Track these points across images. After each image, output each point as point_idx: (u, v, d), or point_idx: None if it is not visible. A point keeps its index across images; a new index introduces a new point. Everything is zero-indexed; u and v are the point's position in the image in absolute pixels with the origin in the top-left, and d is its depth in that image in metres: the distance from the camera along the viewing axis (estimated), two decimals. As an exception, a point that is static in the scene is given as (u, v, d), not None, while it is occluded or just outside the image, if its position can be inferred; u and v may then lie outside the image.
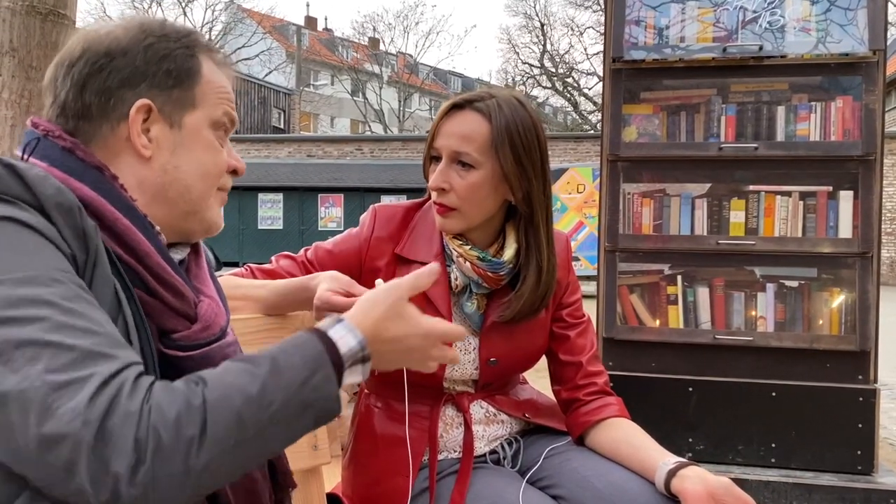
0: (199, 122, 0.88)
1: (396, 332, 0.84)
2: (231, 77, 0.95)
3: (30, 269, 0.68)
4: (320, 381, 0.74)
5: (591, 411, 1.34)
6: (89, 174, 0.81)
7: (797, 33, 2.61)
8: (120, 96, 0.84)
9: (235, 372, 0.71)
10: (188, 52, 0.88)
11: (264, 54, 31.90)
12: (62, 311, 0.66)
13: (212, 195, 0.91)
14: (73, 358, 0.64)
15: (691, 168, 2.72)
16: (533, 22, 28.98)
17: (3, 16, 1.75)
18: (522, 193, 1.29)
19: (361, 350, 0.80)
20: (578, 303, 1.44)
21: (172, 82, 0.86)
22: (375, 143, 19.66)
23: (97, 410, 0.62)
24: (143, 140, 0.85)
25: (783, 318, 2.66)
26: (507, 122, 1.26)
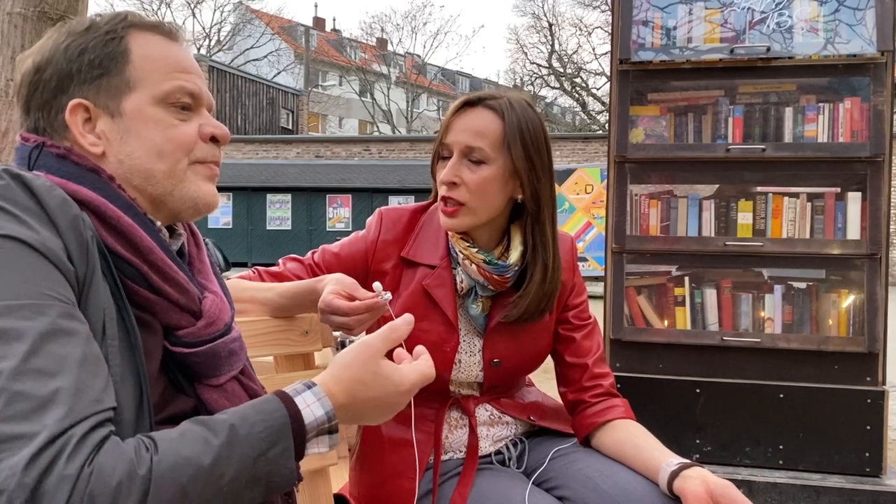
0: (141, 103, 0.85)
1: (372, 394, 0.81)
2: (185, 47, 0.90)
3: (15, 295, 0.67)
4: (277, 455, 0.72)
5: (596, 413, 1.34)
6: (87, 176, 0.81)
7: (805, 34, 2.61)
8: (57, 105, 0.84)
9: (191, 440, 0.68)
10: (109, 37, 0.85)
11: (273, 55, 31.99)
12: (31, 352, 0.65)
13: (182, 170, 0.87)
14: (28, 408, 0.63)
15: (699, 169, 2.72)
16: (541, 22, 28.96)
17: (14, 21, 1.77)
18: (531, 190, 1.31)
19: (328, 421, 0.77)
20: (584, 304, 1.44)
21: (98, 72, 0.84)
22: (383, 144, 19.69)
23: (34, 472, 0.61)
24: (90, 139, 0.84)
25: (791, 320, 2.65)
26: (518, 119, 1.29)
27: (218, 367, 0.86)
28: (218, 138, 0.89)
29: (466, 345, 1.37)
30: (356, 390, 0.80)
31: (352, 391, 0.80)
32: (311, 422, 0.76)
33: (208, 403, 0.85)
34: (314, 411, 0.76)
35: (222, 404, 0.85)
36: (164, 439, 0.68)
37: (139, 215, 0.82)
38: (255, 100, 26.59)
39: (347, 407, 0.80)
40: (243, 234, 16.93)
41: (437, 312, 1.34)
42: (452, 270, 1.36)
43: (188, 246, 0.93)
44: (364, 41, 35.17)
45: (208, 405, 0.85)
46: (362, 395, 0.81)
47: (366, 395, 0.81)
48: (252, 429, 0.71)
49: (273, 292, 1.23)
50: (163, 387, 0.82)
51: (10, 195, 0.71)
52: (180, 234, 0.93)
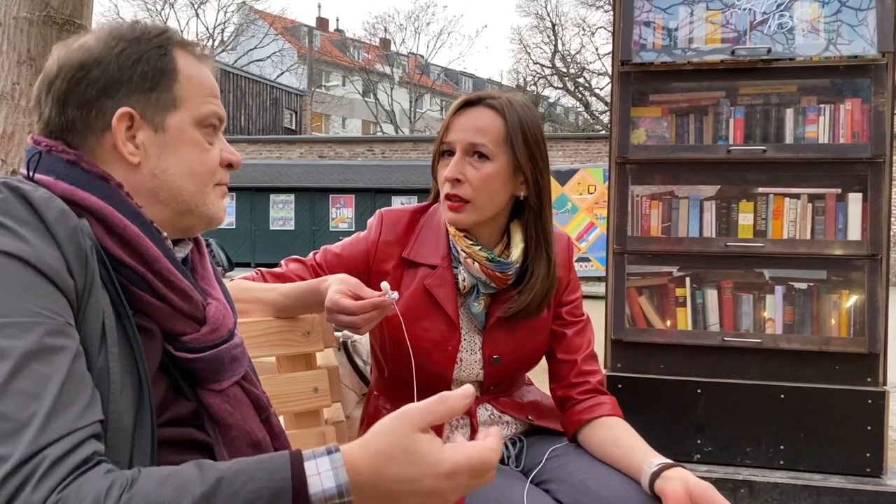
0: (183, 122, 0.88)
1: (403, 472, 0.69)
2: (213, 70, 0.93)
3: (3, 313, 0.67)
4: None
5: (583, 410, 1.35)
6: (96, 184, 0.82)
7: (806, 35, 2.61)
8: (100, 107, 0.85)
9: (172, 485, 0.64)
10: (161, 52, 0.87)
11: (276, 56, 32.03)
12: (13, 373, 0.65)
13: (207, 192, 0.90)
14: (7, 429, 0.62)
15: (700, 170, 2.73)
16: (544, 22, 28.97)
17: (20, 26, 1.79)
18: (534, 184, 1.34)
19: (339, 496, 0.67)
20: (578, 301, 1.46)
21: (149, 85, 0.86)
22: (386, 144, 19.72)
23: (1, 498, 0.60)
24: (129, 147, 0.85)
25: (792, 321, 2.66)
26: (519, 117, 1.33)
27: (221, 372, 0.88)
28: (233, 165, 0.94)
29: (467, 343, 1.39)
30: (383, 465, 0.69)
31: (378, 466, 0.69)
32: (317, 493, 0.66)
33: (210, 408, 0.87)
34: (323, 482, 0.67)
35: (224, 408, 0.87)
36: (147, 478, 0.65)
37: (145, 224, 0.84)
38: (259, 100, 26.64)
39: (373, 484, 0.69)
40: (247, 234, 16.97)
41: (439, 312, 1.35)
42: (454, 270, 1.37)
43: (192, 253, 0.95)
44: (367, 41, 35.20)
45: (210, 409, 0.87)
46: (391, 472, 0.69)
47: (395, 474, 0.69)
48: (243, 487, 0.65)
49: (276, 292, 1.25)
50: (164, 391, 0.84)
51: (7, 208, 0.72)
52: (186, 242, 0.95)
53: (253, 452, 0.88)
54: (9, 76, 1.80)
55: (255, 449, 0.89)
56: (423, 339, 1.33)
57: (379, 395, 1.45)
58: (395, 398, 1.40)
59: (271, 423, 0.94)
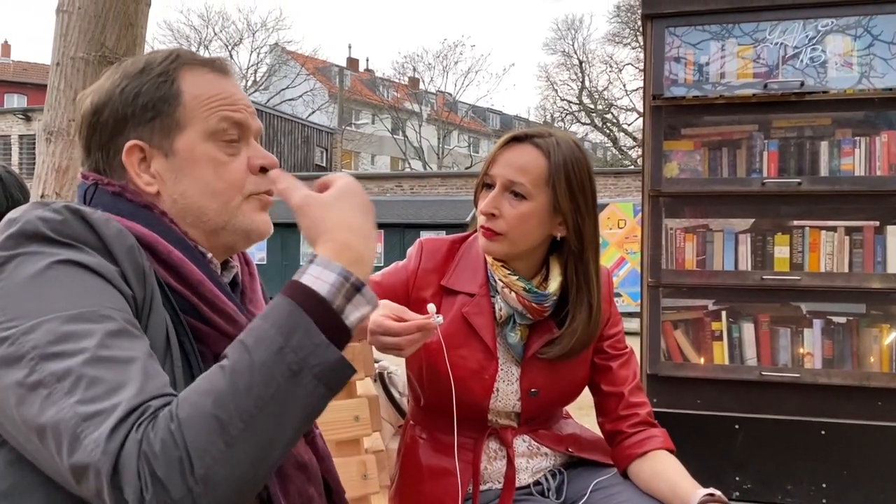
0: (192, 141, 0.88)
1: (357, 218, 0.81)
2: (231, 80, 0.93)
3: (80, 306, 0.72)
4: (301, 340, 0.70)
5: (634, 444, 1.35)
6: (140, 213, 0.86)
7: (839, 69, 2.61)
8: (115, 146, 0.88)
9: (206, 376, 0.70)
10: (161, 80, 0.88)
11: (308, 95, 32.64)
12: (102, 345, 0.69)
13: (235, 206, 0.90)
14: (104, 390, 0.67)
15: (734, 203, 2.72)
16: (571, 60, 29.19)
17: (77, 65, 1.88)
18: (575, 228, 1.34)
19: (346, 280, 0.74)
20: (620, 334, 1.46)
21: (151, 114, 0.87)
22: (415, 180, 19.87)
23: (115, 441, 0.65)
24: (145, 178, 0.88)
25: (831, 355, 2.61)
26: (564, 158, 1.33)
27: None
28: (266, 167, 0.92)
29: (504, 373, 1.39)
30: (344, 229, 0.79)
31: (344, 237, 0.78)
32: (328, 290, 0.73)
33: None
34: (325, 279, 0.74)
35: None
36: (186, 389, 0.70)
37: (189, 249, 0.86)
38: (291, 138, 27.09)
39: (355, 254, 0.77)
40: (277, 268, 17.10)
41: (476, 340, 1.36)
42: (491, 299, 1.39)
43: (242, 275, 0.97)
44: (396, 80, 35.72)
45: None
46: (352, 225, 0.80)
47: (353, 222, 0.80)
48: (260, 332, 0.71)
49: None
50: None
51: (67, 230, 0.76)
52: (233, 266, 0.97)
53: (300, 474, 0.89)
54: (65, 113, 1.88)
55: (301, 471, 0.90)
56: (461, 367, 1.34)
57: (415, 425, 1.46)
58: (432, 427, 1.41)
59: (317, 445, 0.95)
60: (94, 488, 0.65)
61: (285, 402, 0.69)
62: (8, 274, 0.73)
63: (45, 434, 0.67)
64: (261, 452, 0.68)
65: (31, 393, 0.68)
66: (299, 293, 0.73)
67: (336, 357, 0.72)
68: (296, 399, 0.69)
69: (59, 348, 0.69)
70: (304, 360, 0.70)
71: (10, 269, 0.73)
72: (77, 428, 0.66)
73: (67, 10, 1.94)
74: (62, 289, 0.72)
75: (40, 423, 0.67)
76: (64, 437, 0.66)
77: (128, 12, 1.90)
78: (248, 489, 0.69)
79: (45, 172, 1.85)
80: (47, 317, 0.70)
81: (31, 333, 0.69)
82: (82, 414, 0.66)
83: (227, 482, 0.66)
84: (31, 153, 21.05)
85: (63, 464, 0.66)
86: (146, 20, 1.98)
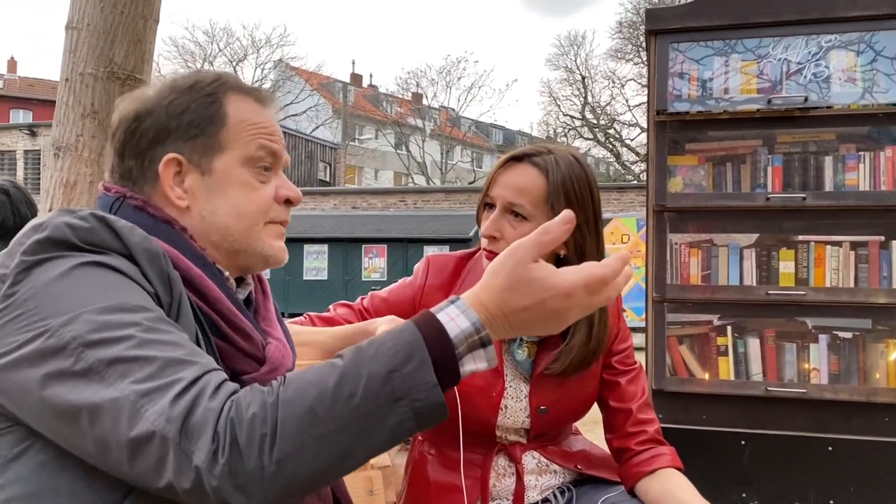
0: (230, 164, 0.90)
1: (524, 302, 0.76)
2: (274, 112, 0.96)
3: (112, 299, 0.73)
4: (413, 370, 0.70)
5: (642, 462, 1.34)
6: (161, 228, 0.86)
7: (843, 84, 2.62)
8: (152, 156, 0.89)
9: (318, 368, 0.71)
10: (210, 100, 0.90)
11: (311, 110, 32.78)
12: (146, 329, 0.71)
13: (258, 231, 0.92)
14: (157, 367, 0.68)
15: (738, 218, 2.72)
16: (574, 75, 29.29)
17: (86, 81, 1.90)
18: (575, 248, 1.33)
19: (476, 332, 0.74)
20: (629, 350, 1.45)
21: (196, 132, 0.89)
22: (418, 195, 19.92)
23: (180, 408, 0.66)
24: (177, 192, 0.89)
25: (838, 370, 2.60)
26: (563, 177, 1.31)
27: None
28: (292, 201, 0.95)
29: (512, 390, 1.38)
30: (507, 299, 0.76)
31: (502, 300, 0.76)
32: (458, 334, 0.73)
33: None
34: (459, 324, 0.74)
35: None
36: (292, 374, 0.72)
37: (208, 266, 0.87)
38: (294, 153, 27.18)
39: (503, 318, 0.76)
40: (280, 283, 17.11)
41: None
42: None
43: (255, 294, 0.98)
44: (400, 96, 35.88)
45: None
46: (515, 303, 0.76)
47: (519, 304, 0.76)
48: (380, 348, 0.71)
49: (325, 335, 1.27)
50: None
51: (93, 237, 0.78)
52: (248, 283, 0.98)
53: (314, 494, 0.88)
54: (73, 129, 1.89)
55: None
56: (467, 385, 1.33)
57: (423, 441, 1.45)
58: (440, 443, 1.40)
59: None
60: (156, 457, 0.65)
61: (376, 422, 0.69)
62: (36, 277, 0.74)
63: (98, 414, 0.67)
64: (335, 460, 0.69)
65: (81, 379, 0.69)
66: (429, 326, 0.74)
67: (439, 400, 0.72)
68: (385, 424, 0.70)
69: (104, 335, 0.70)
70: (408, 391, 0.70)
71: (37, 273, 0.75)
72: (136, 404, 0.66)
73: (77, 26, 1.97)
74: (91, 285, 0.74)
75: (92, 402, 0.67)
76: (123, 413, 0.66)
77: (136, 29, 1.92)
78: (306, 489, 0.69)
79: (53, 187, 1.86)
80: (81, 310, 0.71)
81: (70, 325, 0.71)
82: (140, 391, 0.67)
83: (296, 475, 0.67)
84: (37, 168, 21.16)
85: (122, 440, 0.66)
86: (154, 36, 2.00)
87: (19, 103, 31.76)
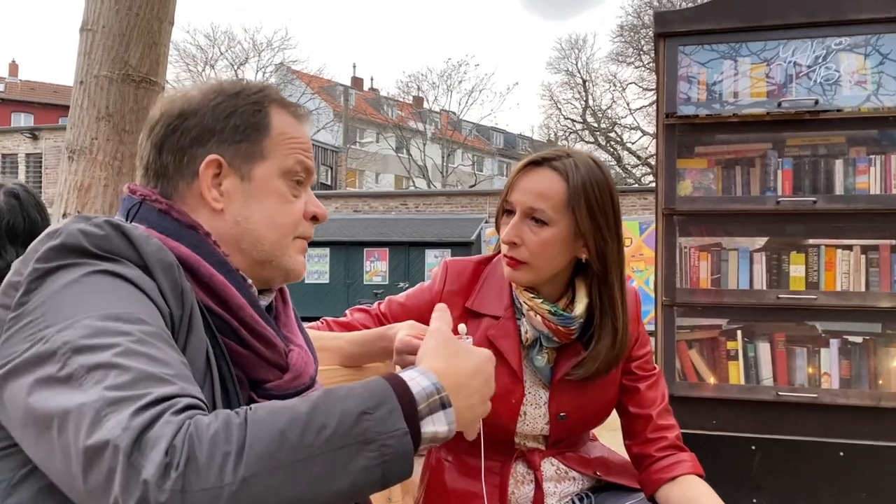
0: (269, 173, 0.90)
1: (468, 365, 0.81)
2: (306, 128, 0.97)
3: (117, 308, 0.71)
4: (384, 415, 0.68)
5: (662, 469, 1.33)
6: (185, 233, 0.85)
7: (852, 87, 2.61)
8: (192, 154, 0.88)
9: (287, 403, 0.69)
10: (256, 108, 0.90)
11: (313, 114, 32.80)
12: (136, 341, 0.69)
13: (287, 244, 0.92)
14: (133, 378, 0.66)
15: (748, 222, 2.71)
16: (575, 79, 29.27)
17: (101, 84, 1.89)
18: (597, 252, 1.31)
19: (437, 392, 0.74)
20: (649, 355, 1.44)
21: (240, 137, 0.89)
22: (420, 198, 19.91)
23: (140, 420, 0.62)
24: (213, 194, 0.88)
25: (849, 375, 2.58)
26: (583, 181, 1.29)
27: None
28: (318, 218, 0.96)
29: (532, 396, 1.37)
30: (455, 365, 0.80)
31: (451, 367, 0.79)
32: (420, 391, 0.73)
33: None
34: (420, 382, 0.74)
35: None
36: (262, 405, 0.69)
37: (231, 272, 0.86)
38: (295, 156, 27.19)
39: (453, 382, 0.77)
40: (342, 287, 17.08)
41: (502, 363, 1.34)
42: (517, 321, 1.37)
43: (276, 301, 0.97)
44: (401, 99, 35.88)
45: None
46: (462, 367, 0.80)
47: (463, 367, 0.81)
48: (351, 391, 0.70)
49: (343, 340, 1.26)
50: None
51: (108, 245, 0.76)
52: (270, 291, 0.97)
53: None
54: (88, 132, 1.88)
55: None
56: None
57: (440, 447, 1.44)
58: (458, 449, 1.38)
59: None
60: (107, 469, 0.61)
61: (344, 462, 0.66)
62: (47, 286, 0.73)
63: (66, 421, 0.64)
64: (297, 494, 0.65)
65: (62, 385, 0.66)
66: (394, 380, 0.74)
67: (409, 450, 0.70)
68: (351, 467, 0.67)
69: (93, 342, 0.68)
70: (379, 435, 0.68)
71: (50, 280, 0.73)
72: (101, 411, 0.63)
73: (92, 28, 1.95)
74: (99, 294, 0.72)
75: (64, 407, 0.64)
76: (85, 420, 0.63)
77: (151, 31, 1.91)
78: None
79: (68, 191, 1.85)
80: (82, 316, 0.70)
81: (66, 330, 0.69)
82: (108, 398, 0.64)
83: (260, 498, 0.63)
84: (38, 172, 21.16)
85: (79, 447, 0.63)
86: (169, 39, 1.98)
87: (21, 107, 31.79)
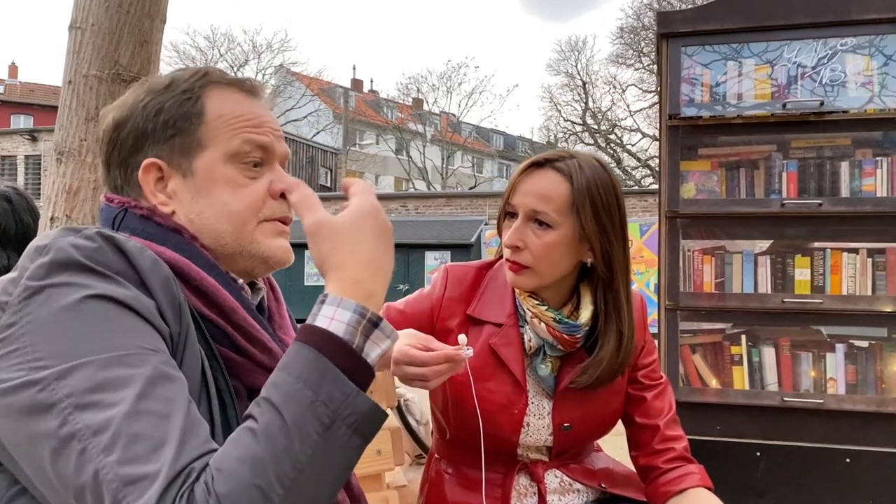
0: (212, 162, 0.84)
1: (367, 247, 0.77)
2: (260, 102, 0.89)
3: (118, 348, 0.67)
4: (330, 392, 0.67)
5: (670, 481, 1.29)
6: (170, 237, 0.81)
7: (858, 88, 2.58)
8: (133, 164, 0.85)
9: (237, 438, 0.66)
10: (185, 97, 0.85)
11: (312, 116, 32.77)
12: (141, 395, 0.65)
13: (250, 230, 0.85)
14: (144, 449, 0.63)
15: (753, 225, 2.67)
16: (574, 80, 29.26)
17: (90, 84, 1.85)
18: (602, 255, 1.27)
19: (362, 317, 0.71)
20: (655, 364, 1.40)
21: (172, 132, 0.84)
22: (419, 200, 19.87)
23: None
24: (160, 198, 0.84)
25: (855, 380, 2.55)
26: (587, 182, 1.25)
27: None
28: (285, 193, 0.88)
29: (535, 407, 1.33)
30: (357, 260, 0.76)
31: (355, 266, 0.75)
32: (346, 329, 0.70)
33: None
34: (341, 319, 0.71)
35: None
36: (218, 458, 0.66)
37: (221, 275, 0.82)
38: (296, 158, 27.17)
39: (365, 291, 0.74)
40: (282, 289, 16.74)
41: (505, 372, 1.30)
42: (520, 329, 1.33)
43: (268, 300, 0.93)
44: (401, 101, 35.86)
45: None
46: (361, 257, 0.76)
47: (363, 255, 0.76)
48: (286, 387, 0.67)
49: None
50: None
51: (102, 258, 0.72)
52: (260, 288, 0.93)
53: None
54: (76, 133, 1.83)
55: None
56: (488, 401, 1.28)
57: (441, 459, 1.40)
58: (459, 461, 1.35)
59: (351, 485, 0.91)
60: None
61: (323, 459, 0.66)
62: (38, 306, 0.69)
63: (83, 494, 0.63)
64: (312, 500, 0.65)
65: (64, 447, 0.64)
66: (318, 338, 0.70)
67: (368, 405, 0.69)
68: (332, 454, 0.66)
69: (96, 398, 0.65)
70: (336, 412, 0.67)
71: (40, 301, 0.69)
72: (119, 493, 0.62)
73: (81, 26, 1.90)
74: (96, 327, 0.68)
75: (79, 483, 0.63)
76: (105, 498, 0.62)
77: (143, 29, 1.87)
78: None
79: (56, 194, 1.80)
80: (82, 360, 0.66)
81: (65, 379, 0.65)
82: (124, 477, 0.62)
83: None
84: (37, 174, 21.15)
85: None
86: (161, 37, 1.94)
87: (20, 108, 31.78)
